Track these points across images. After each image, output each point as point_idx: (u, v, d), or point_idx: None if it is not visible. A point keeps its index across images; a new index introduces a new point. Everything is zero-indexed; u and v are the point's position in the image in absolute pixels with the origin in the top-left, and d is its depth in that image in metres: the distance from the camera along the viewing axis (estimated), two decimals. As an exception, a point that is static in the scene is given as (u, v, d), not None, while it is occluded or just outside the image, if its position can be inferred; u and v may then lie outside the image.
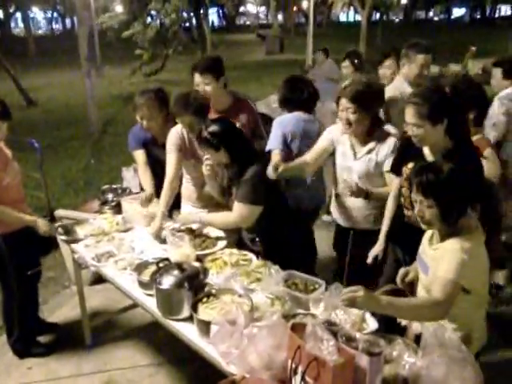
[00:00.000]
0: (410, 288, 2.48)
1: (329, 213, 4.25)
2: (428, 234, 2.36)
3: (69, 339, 3.83)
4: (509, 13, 53.86)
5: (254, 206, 3.00)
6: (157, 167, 3.79)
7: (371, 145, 3.12)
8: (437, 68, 8.78)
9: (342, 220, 3.39)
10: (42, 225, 3.35)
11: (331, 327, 1.96)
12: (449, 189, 2.09)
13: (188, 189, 3.65)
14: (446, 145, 2.62)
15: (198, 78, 3.53)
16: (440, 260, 2.12)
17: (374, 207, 3.19)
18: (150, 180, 3.75)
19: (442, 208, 2.11)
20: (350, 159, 3.18)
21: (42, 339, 3.77)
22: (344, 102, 3.02)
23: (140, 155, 3.84)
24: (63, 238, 3.44)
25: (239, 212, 3.03)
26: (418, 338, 2.20)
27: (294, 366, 1.90)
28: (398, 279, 2.51)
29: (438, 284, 2.07)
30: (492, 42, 21.12)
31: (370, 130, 3.12)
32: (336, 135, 3.26)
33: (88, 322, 3.75)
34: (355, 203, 3.20)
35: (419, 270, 2.38)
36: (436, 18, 59.53)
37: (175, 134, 3.48)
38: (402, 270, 2.53)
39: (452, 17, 55.49)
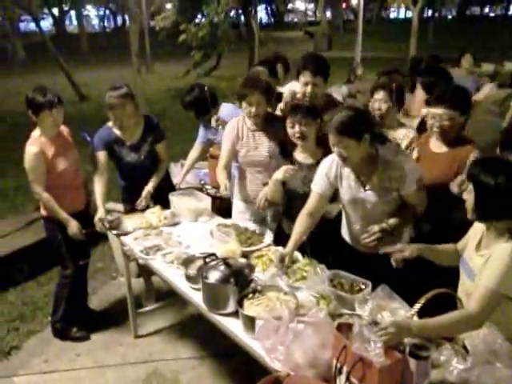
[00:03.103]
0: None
1: None
2: (476, 238, 2.28)
3: (116, 329, 3.95)
4: None
5: None
6: (125, 168, 3.84)
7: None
8: (492, 66, 8.44)
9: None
10: (72, 226, 3.51)
11: (378, 328, 1.94)
12: (491, 182, 2.01)
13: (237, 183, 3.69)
14: None
15: (308, 77, 3.38)
16: (487, 265, 2.05)
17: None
18: (101, 188, 3.65)
19: (477, 195, 2.08)
20: (360, 190, 2.78)
21: (89, 328, 3.90)
22: (331, 137, 2.61)
23: (101, 156, 3.70)
24: (114, 231, 3.54)
25: None
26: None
27: (339, 365, 1.89)
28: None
29: (478, 293, 2.01)
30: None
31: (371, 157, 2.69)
32: (334, 173, 2.85)
33: (134, 312, 3.84)
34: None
35: (461, 273, 2.32)
36: (492, 14, 57.33)
37: (232, 124, 3.56)
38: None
39: (510, 13, 53.25)
